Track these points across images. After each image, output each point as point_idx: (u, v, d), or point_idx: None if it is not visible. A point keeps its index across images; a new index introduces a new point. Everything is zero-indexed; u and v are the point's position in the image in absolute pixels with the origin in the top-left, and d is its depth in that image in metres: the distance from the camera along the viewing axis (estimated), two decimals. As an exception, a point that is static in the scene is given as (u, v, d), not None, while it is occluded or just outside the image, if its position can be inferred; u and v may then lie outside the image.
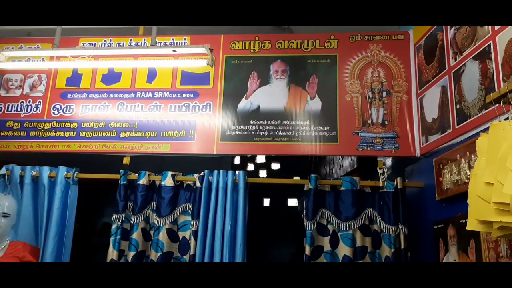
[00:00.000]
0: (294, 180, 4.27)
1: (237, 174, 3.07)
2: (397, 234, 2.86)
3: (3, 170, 3.20)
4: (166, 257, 2.98)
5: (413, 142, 3.06)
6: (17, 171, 3.19)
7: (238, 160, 8.52)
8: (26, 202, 3.11)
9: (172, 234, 3.04)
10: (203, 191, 3.02)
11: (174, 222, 3.07)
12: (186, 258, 2.98)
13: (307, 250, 2.87)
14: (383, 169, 3.04)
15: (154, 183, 3.17)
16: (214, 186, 3.02)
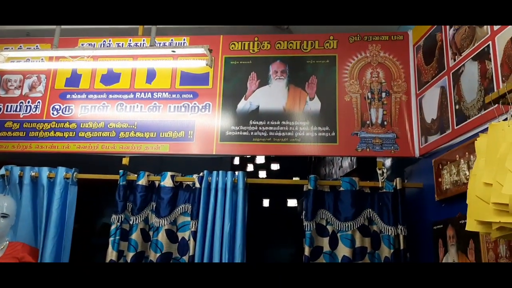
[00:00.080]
0: (293, 180, 4.26)
1: (236, 174, 3.07)
2: (396, 234, 2.86)
3: (2, 170, 3.20)
4: (165, 257, 2.98)
5: (412, 143, 3.06)
6: (16, 172, 3.19)
7: (237, 160, 8.50)
8: (25, 202, 3.12)
9: (171, 235, 3.04)
10: (202, 192, 3.02)
11: (173, 222, 3.07)
12: (185, 258, 2.98)
13: (307, 250, 2.87)
14: (383, 169, 3.03)
15: (153, 184, 3.17)
16: (213, 186, 3.02)
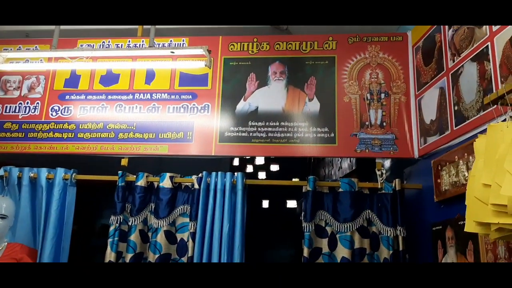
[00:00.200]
0: (292, 181, 4.25)
1: (235, 175, 3.06)
2: (395, 236, 2.86)
3: (1, 171, 3.20)
4: (164, 258, 2.98)
5: (411, 144, 3.06)
6: (15, 173, 3.19)
7: (237, 161, 8.50)
8: (24, 203, 3.11)
9: (170, 236, 3.03)
10: (201, 193, 3.01)
11: (172, 223, 3.07)
12: (184, 260, 2.97)
13: (305, 252, 2.87)
14: (382, 170, 3.03)
15: (152, 185, 3.16)
16: (212, 187, 3.02)
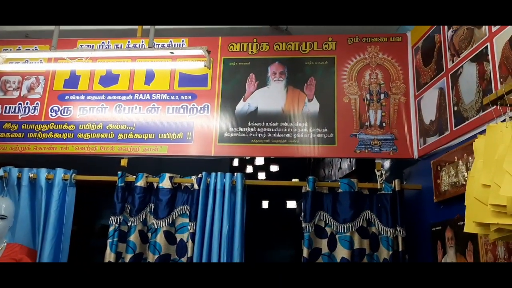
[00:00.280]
0: (291, 182, 4.24)
1: (235, 176, 3.06)
2: (395, 236, 2.86)
3: (1, 172, 3.20)
4: (164, 259, 2.97)
5: (411, 144, 3.06)
6: (14, 173, 3.18)
7: (236, 162, 8.49)
8: (24, 204, 3.11)
9: (169, 236, 3.03)
10: (201, 193, 3.01)
11: (172, 224, 3.07)
12: (184, 260, 2.97)
13: (305, 252, 2.87)
14: (381, 171, 3.03)
15: (152, 185, 3.16)
16: (211, 188, 3.02)
